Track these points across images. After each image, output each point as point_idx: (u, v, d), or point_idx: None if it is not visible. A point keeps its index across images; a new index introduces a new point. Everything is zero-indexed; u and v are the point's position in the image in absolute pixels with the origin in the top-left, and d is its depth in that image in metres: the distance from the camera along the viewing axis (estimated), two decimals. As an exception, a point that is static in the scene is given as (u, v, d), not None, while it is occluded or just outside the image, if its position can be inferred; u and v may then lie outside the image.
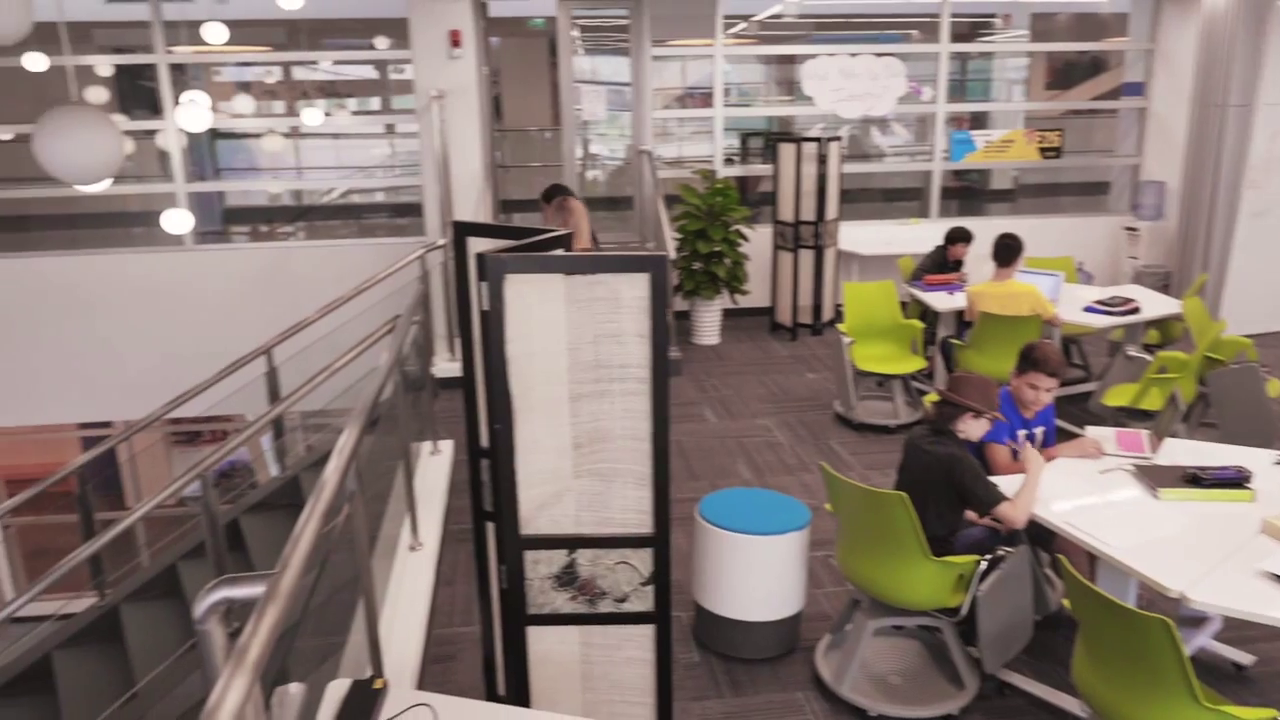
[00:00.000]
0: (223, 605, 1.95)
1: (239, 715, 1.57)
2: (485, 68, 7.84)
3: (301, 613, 2.69)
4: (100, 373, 7.61)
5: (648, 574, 2.61)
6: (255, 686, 1.69)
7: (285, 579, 1.93)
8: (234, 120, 9.70)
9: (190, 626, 4.75)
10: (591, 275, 2.35)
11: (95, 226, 9.56)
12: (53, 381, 7.62)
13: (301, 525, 2.21)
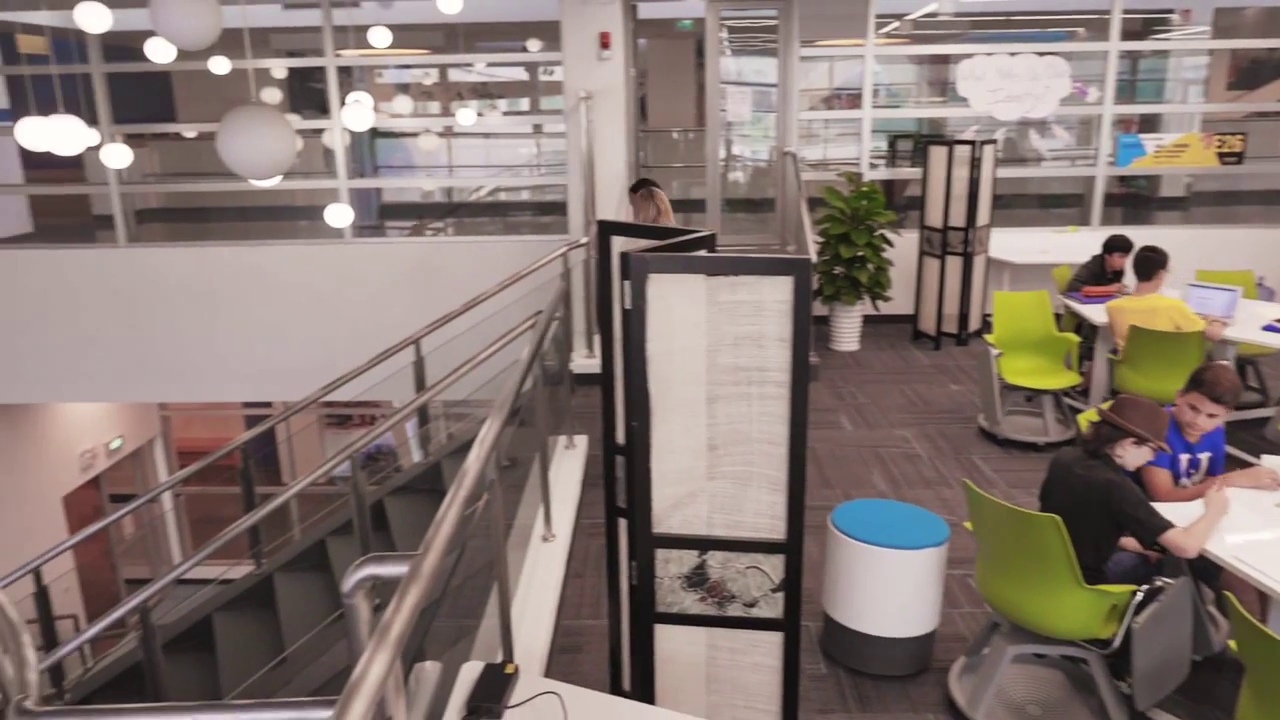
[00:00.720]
0: (369, 582, 2.04)
1: (381, 688, 1.64)
2: (633, 69, 7.93)
3: (440, 594, 2.78)
4: (264, 356, 8.13)
5: (778, 580, 2.57)
6: (396, 662, 1.77)
7: (427, 561, 2.01)
8: (393, 120, 10.18)
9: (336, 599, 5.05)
10: (734, 277, 2.34)
11: (265, 219, 10.22)
12: (222, 362, 8.19)
13: (444, 510, 2.29)
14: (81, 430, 9.69)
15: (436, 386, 5.50)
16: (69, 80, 7.45)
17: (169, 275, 8.01)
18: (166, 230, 9.80)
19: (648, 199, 5.64)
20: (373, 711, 1.61)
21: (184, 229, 10.08)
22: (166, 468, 11.30)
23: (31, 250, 8.16)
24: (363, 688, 1.58)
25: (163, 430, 11.19)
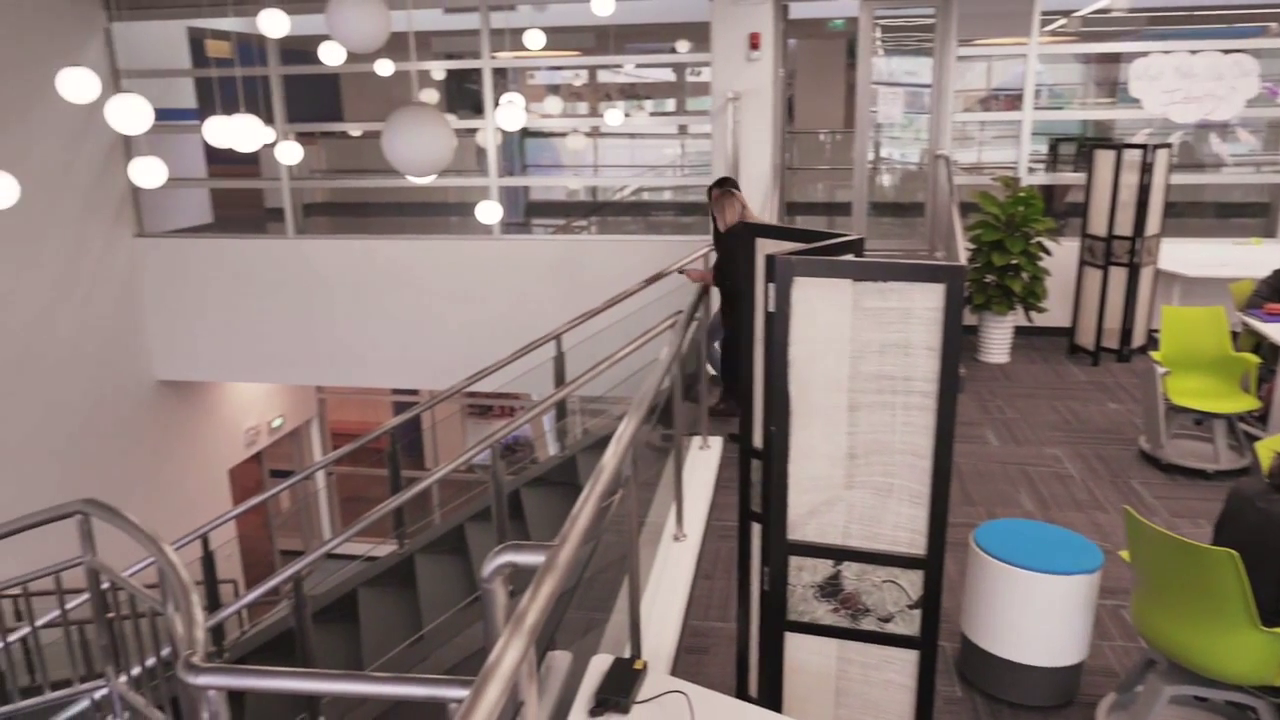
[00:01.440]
0: (507, 568, 2.10)
1: (514, 675, 1.68)
2: (781, 69, 7.85)
3: (574, 585, 2.83)
4: (414, 345, 8.49)
5: (916, 597, 2.49)
6: (530, 650, 1.81)
7: (563, 552, 2.05)
8: (542, 120, 10.44)
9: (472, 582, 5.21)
10: (883, 283, 2.27)
11: (419, 215, 10.67)
12: (375, 350, 8.61)
13: (580, 504, 2.33)
14: (247, 409, 10.39)
15: (576, 382, 5.60)
16: (249, 82, 7.99)
17: (331, 266, 8.48)
18: (330, 223, 10.37)
19: (729, 199, 5.55)
20: (506, 695, 1.66)
21: (346, 223, 10.64)
22: (321, 447, 11.97)
23: (211, 239, 8.81)
24: (497, 672, 1.63)
25: (319, 412, 11.86)
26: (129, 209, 8.58)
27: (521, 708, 1.87)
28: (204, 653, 2.33)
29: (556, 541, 2.08)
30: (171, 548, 2.89)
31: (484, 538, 5.66)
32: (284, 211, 8.50)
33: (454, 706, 2.09)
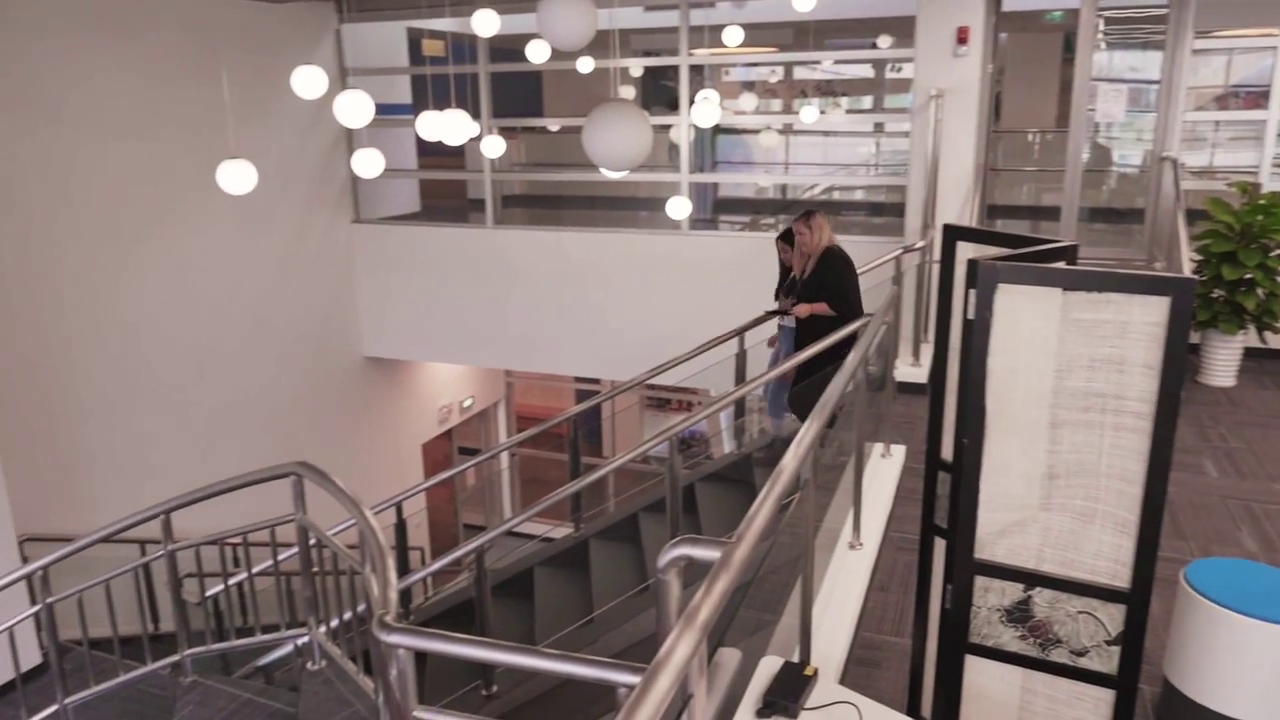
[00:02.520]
0: (682, 561, 2.11)
1: (685, 669, 1.69)
2: (990, 65, 7.46)
3: (746, 584, 2.81)
4: (599, 336, 8.71)
5: (1115, 632, 2.31)
6: (702, 645, 1.81)
7: (739, 550, 2.03)
8: (735, 117, 10.42)
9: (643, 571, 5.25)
10: (1098, 294, 2.12)
11: (609, 208, 10.93)
12: (562, 338, 8.89)
13: (758, 504, 2.31)
14: (441, 388, 11.00)
15: (756, 380, 5.57)
16: (459, 78, 8.44)
17: (525, 255, 8.83)
18: (526, 215, 10.80)
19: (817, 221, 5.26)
20: (676, 687, 1.67)
21: (541, 214, 11.05)
22: (506, 429, 12.51)
23: (418, 227, 9.38)
24: (669, 665, 1.64)
25: (506, 395, 12.40)
26: (348, 197, 9.26)
27: (690, 700, 1.87)
28: (395, 613, 2.48)
29: (733, 539, 2.07)
30: (371, 512, 3.10)
31: (657, 529, 5.73)
32: (484, 202, 8.93)
33: (623, 691, 2.13)
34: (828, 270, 5.20)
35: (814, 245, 5.24)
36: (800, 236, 5.29)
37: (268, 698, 4.02)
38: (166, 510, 3.98)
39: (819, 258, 5.23)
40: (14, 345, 6.25)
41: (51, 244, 6.56)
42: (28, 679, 4.48)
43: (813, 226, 5.21)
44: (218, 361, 8.00)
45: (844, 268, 5.24)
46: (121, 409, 7.17)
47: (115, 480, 7.10)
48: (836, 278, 5.16)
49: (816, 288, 5.20)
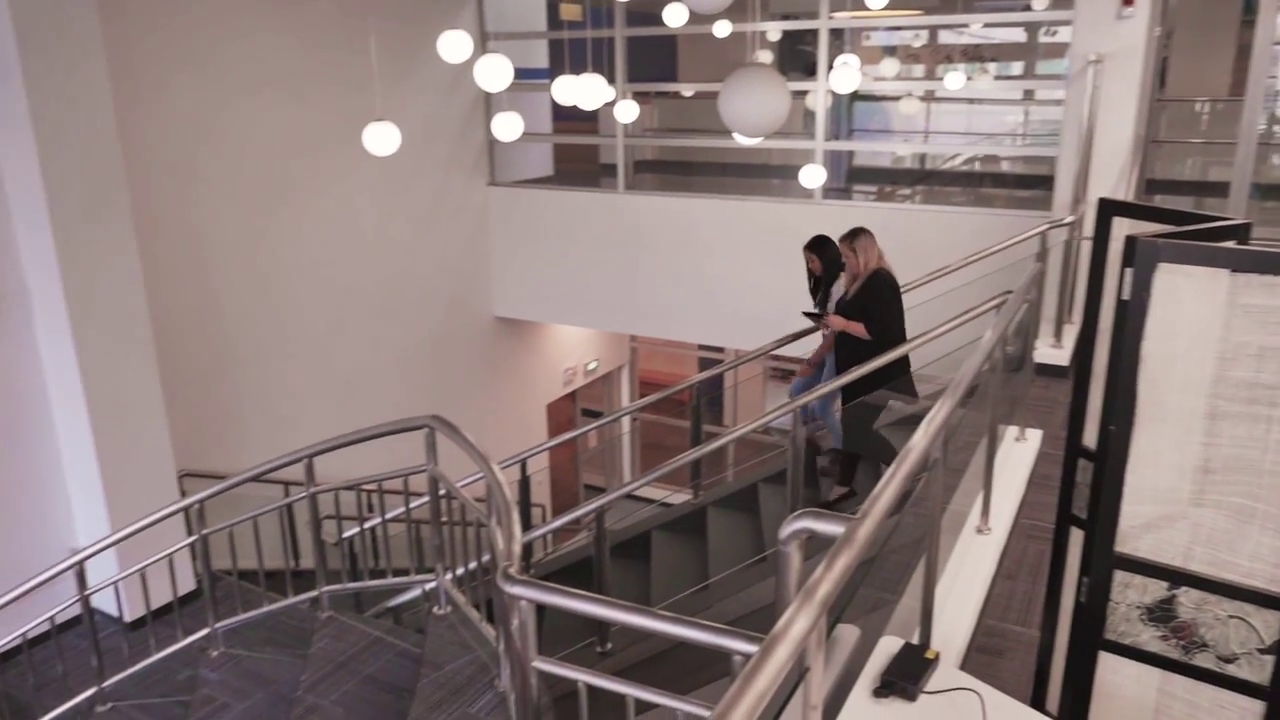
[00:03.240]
0: (804, 534, 2.09)
1: (802, 643, 1.68)
2: (1157, 28, 6.95)
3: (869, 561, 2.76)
4: (724, 304, 8.66)
5: (1270, 641, 2.16)
6: (821, 620, 1.79)
7: (863, 528, 1.99)
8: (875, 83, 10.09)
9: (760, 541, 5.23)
10: (1272, 277, 1.95)
11: (740, 176, 10.80)
12: (688, 305, 8.89)
13: (885, 482, 2.25)
14: (567, 350, 11.21)
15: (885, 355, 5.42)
16: (595, 43, 8.47)
17: (654, 221, 8.85)
18: (656, 181, 10.80)
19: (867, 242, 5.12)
20: (793, 660, 1.66)
21: (671, 180, 11.03)
22: (629, 393, 12.65)
23: (550, 190, 9.52)
24: (787, 637, 1.63)
25: (630, 360, 12.52)
26: (484, 160, 9.48)
27: (807, 674, 1.86)
28: (519, 566, 2.56)
29: (857, 515, 2.03)
30: (499, 468, 3.19)
31: (776, 501, 5.70)
32: (616, 167, 8.97)
33: (739, 659, 2.14)
34: (869, 294, 5.08)
35: (859, 267, 5.10)
36: (846, 259, 5.15)
37: (396, 637, 4.23)
38: (309, 455, 4.22)
39: (865, 279, 5.09)
40: (181, 296, 6.71)
41: (213, 199, 6.98)
42: (184, 602, 4.86)
43: (858, 249, 5.07)
44: (358, 316, 8.37)
45: (886, 292, 5.10)
46: (272, 358, 7.61)
47: (263, 424, 7.56)
48: (876, 301, 5.05)
49: (857, 310, 5.09)
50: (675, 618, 2.12)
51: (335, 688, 3.89)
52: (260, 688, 4.28)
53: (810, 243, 5.69)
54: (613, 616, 2.21)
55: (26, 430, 5.89)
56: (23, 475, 5.93)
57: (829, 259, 5.61)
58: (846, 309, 5.17)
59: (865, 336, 5.08)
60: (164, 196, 6.55)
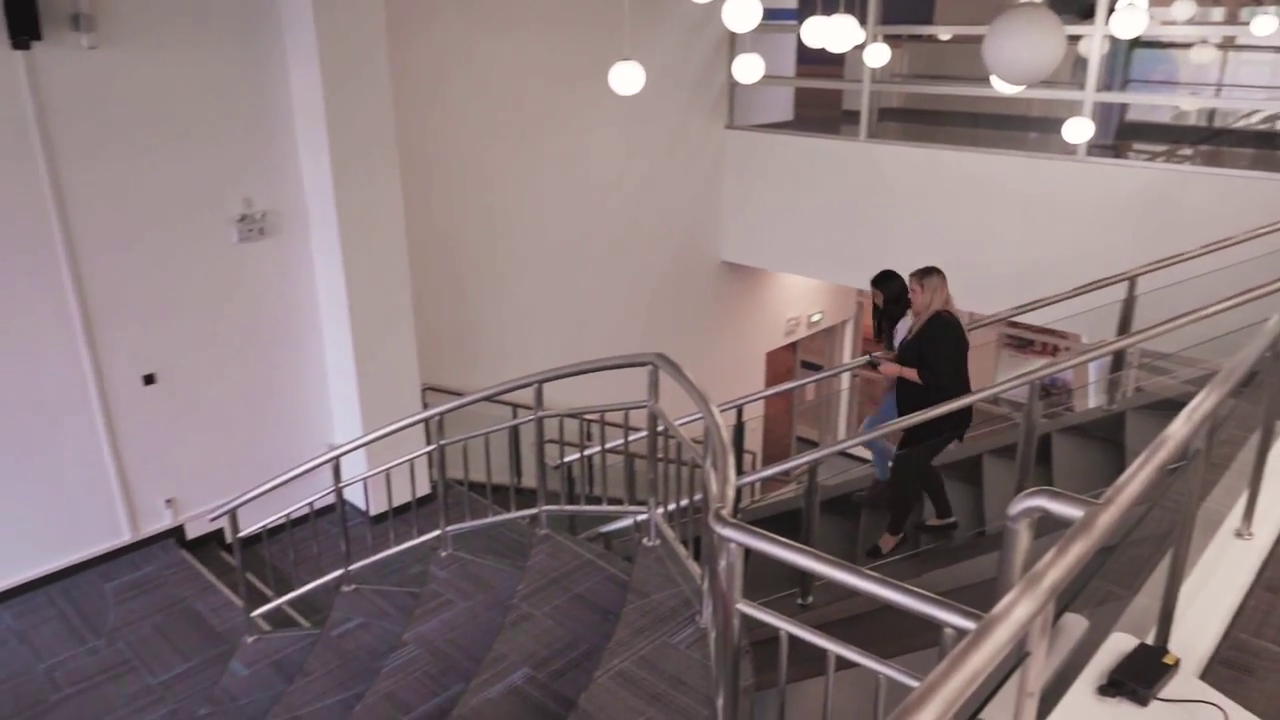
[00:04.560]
0: (1036, 513, 1.96)
1: (1021, 630, 1.58)
2: None
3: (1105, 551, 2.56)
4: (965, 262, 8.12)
5: None
6: (1048, 608, 1.69)
7: (1104, 515, 1.84)
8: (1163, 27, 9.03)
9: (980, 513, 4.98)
10: None
11: (993, 127, 10.07)
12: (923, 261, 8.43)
13: (1134, 470, 2.07)
14: (792, 300, 11.06)
15: (1144, 332, 4.95)
16: (850, -18, 8.11)
17: (895, 172, 8.48)
18: (901, 130, 10.30)
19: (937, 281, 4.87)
20: (1013, 644, 1.57)
21: (917, 130, 10.48)
22: (851, 348, 12.35)
23: (788, 136, 9.32)
24: (1006, 620, 1.55)
25: (856, 315, 12.18)
26: (724, 102, 9.42)
27: (1027, 659, 1.76)
28: (731, 509, 2.58)
29: (1100, 502, 1.87)
30: (718, 410, 3.22)
31: (1002, 474, 5.41)
32: (859, 114, 8.64)
33: (950, 633, 2.06)
34: (927, 338, 4.87)
35: (923, 306, 4.88)
36: (913, 295, 4.96)
37: (606, 562, 4.42)
38: (540, 380, 4.44)
39: (925, 321, 4.87)
40: (432, 220, 7.21)
41: (466, 130, 7.40)
42: (420, 504, 5.32)
43: (926, 286, 4.86)
44: (592, 251, 8.66)
45: (944, 336, 4.85)
46: (510, 284, 8.05)
47: (494, 348, 8.05)
48: (932, 346, 4.83)
49: (915, 353, 4.90)
50: (888, 581, 2.06)
51: (547, 601, 4.13)
52: (481, 591, 4.62)
53: (876, 277, 5.63)
54: (823, 571, 2.18)
55: (299, 336, 6.60)
56: (294, 376, 6.67)
57: (892, 294, 5.50)
58: (906, 350, 5.01)
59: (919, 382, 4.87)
60: (419, 125, 7.01)
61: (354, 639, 4.72)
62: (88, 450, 5.80)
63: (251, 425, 6.51)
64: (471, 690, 3.66)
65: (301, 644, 5.00)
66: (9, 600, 5.70)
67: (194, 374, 6.14)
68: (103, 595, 5.80)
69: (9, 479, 5.53)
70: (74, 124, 5.28)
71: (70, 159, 5.31)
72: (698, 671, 3.27)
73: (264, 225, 6.15)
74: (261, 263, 6.25)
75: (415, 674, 4.10)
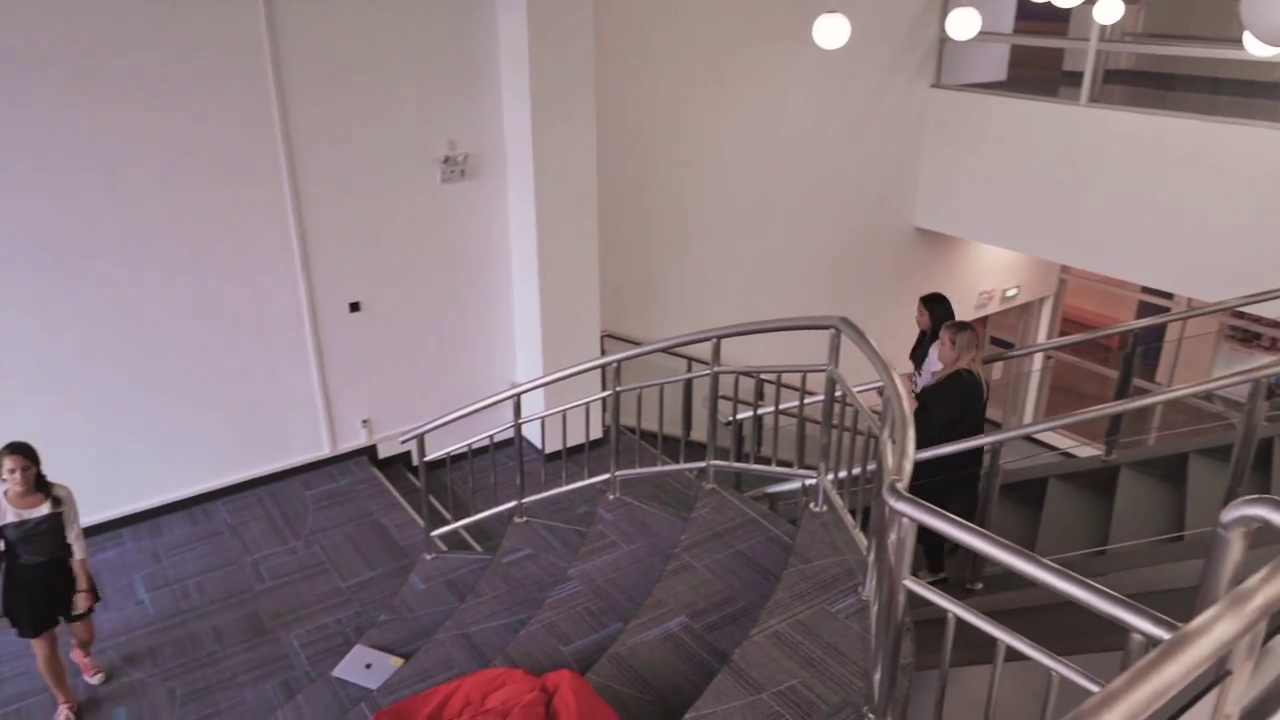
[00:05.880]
0: (1253, 523, 1.79)
1: (1225, 647, 1.46)
2: None
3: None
4: (1184, 243, 7.50)
5: None
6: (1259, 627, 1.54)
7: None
8: None
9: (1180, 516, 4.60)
10: None
11: (1235, 94, 9.06)
12: (1138, 240, 7.83)
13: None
14: (986, 271, 10.48)
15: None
16: (1085, -69, 7.45)
17: (1116, 140, 7.81)
18: (1128, 94, 9.47)
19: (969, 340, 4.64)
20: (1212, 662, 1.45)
21: (1146, 94, 9.60)
22: (1048, 328, 11.61)
23: (999, 97, 8.75)
24: (1204, 638, 1.43)
25: (1057, 292, 11.42)
26: (932, 59, 8.95)
27: (1227, 679, 1.62)
28: (907, 483, 2.50)
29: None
30: (901, 380, 3.11)
31: (1210, 477, 4.96)
32: (1082, 75, 7.99)
33: (1138, 639, 1.91)
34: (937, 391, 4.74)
35: (949, 361, 4.73)
36: (943, 346, 4.80)
37: (770, 522, 4.40)
38: (718, 336, 4.43)
39: (947, 375, 4.71)
40: (624, 171, 7.29)
41: (664, 83, 7.40)
42: (592, 447, 5.46)
43: (957, 343, 4.70)
44: (779, 209, 8.51)
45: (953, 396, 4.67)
46: (695, 238, 8.05)
47: (672, 301, 8.10)
48: (938, 399, 4.68)
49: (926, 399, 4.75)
50: (1076, 577, 1.94)
51: (708, 554, 4.17)
52: (644, 536, 4.72)
53: (928, 297, 5.54)
54: (1001, 557, 2.07)
55: (490, 276, 6.89)
56: (483, 314, 6.98)
57: (938, 318, 5.38)
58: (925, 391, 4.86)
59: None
60: (618, 76, 7.06)
61: (522, 568, 4.94)
62: (299, 369, 6.32)
63: (441, 357, 6.88)
64: (629, 631, 3.76)
65: (474, 567, 5.30)
66: (226, 496, 6.34)
67: (393, 305, 6.54)
68: (303, 501, 6.35)
69: (232, 391, 6.12)
70: (303, 66, 5.67)
71: (298, 99, 5.72)
72: (856, 643, 3.22)
73: (465, 167, 6.42)
74: (461, 203, 6.54)
75: (576, 608, 4.25)
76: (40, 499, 4.06)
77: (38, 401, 5.45)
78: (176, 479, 6.15)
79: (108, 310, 5.54)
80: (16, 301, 5.26)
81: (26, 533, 4.05)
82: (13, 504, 4.03)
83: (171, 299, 5.73)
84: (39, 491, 4.06)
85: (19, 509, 4.03)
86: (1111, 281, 10.85)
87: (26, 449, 4.02)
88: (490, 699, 3.49)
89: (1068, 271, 11.24)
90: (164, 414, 5.93)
